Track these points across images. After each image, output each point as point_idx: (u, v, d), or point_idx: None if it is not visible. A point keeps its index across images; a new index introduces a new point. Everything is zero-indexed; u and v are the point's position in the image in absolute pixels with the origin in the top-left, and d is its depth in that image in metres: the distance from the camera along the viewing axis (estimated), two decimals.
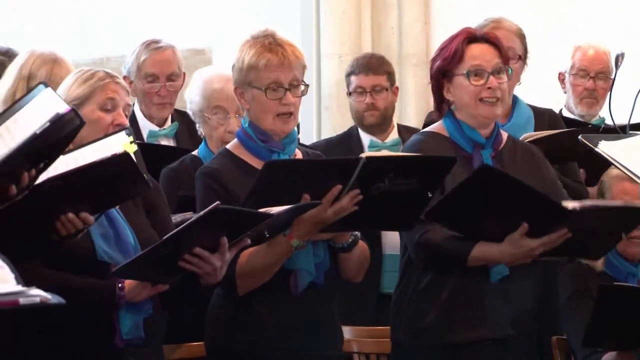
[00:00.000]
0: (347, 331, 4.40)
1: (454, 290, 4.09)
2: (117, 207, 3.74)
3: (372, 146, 5.34)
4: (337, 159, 4.24)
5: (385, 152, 4.18)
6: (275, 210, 3.69)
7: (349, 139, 5.49)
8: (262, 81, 3.96)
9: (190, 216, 3.97)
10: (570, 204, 3.93)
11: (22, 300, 2.81)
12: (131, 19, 7.22)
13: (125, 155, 3.45)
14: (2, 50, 5.03)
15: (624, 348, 4.23)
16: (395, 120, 5.95)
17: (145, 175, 3.59)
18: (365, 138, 5.39)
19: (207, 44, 7.02)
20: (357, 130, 5.45)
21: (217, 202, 3.53)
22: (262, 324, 3.94)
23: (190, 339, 4.24)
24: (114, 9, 7.53)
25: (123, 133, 3.70)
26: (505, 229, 3.96)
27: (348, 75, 5.51)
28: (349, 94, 5.47)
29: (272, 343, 3.95)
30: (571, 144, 4.52)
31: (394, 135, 5.43)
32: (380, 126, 5.41)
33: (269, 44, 3.98)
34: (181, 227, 3.57)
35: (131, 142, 3.67)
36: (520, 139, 4.57)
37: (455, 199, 3.92)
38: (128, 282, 3.61)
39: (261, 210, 3.68)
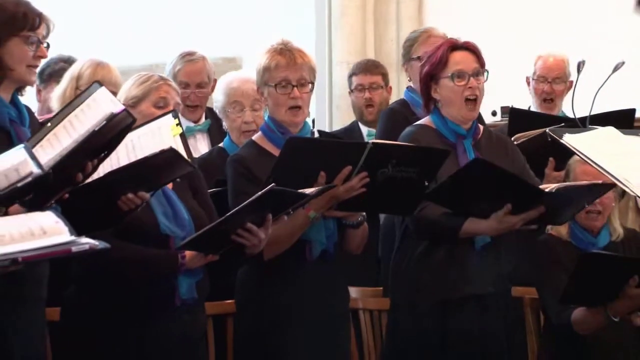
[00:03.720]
0: (353, 291, 4.39)
1: (445, 256, 4.09)
2: (173, 189, 3.79)
3: (369, 135, 5.36)
4: (348, 141, 4.27)
5: (389, 141, 4.12)
6: (308, 191, 3.68)
7: (352, 132, 5.53)
8: (274, 79, 3.97)
9: (218, 190, 4.07)
10: (547, 187, 3.97)
11: (74, 249, 2.84)
12: (176, 30, 7.26)
13: (171, 150, 3.45)
14: (63, 58, 5.00)
15: (594, 304, 4.21)
16: None
17: (189, 158, 3.61)
18: (365, 130, 5.43)
19: (238, 54, 7.04)
20: (358, 124, 5.51)
21: (273, 184, 3.55)
22: (283, 285, 3.95)
23: (221, 297, 4.21)
24: (162, 23, 7.57)
25: (170, 115, 3.71)
26: (491, 207, 3.97)
27: (350, 76, 5.58)
28: (351, 91, 5.49)
29: (290, 301, 3.95)
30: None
31: None
32: (377, 121, 5.37)
33: (280, 50, 4.00)
34: (240, 206, 3.59)
35: (177, 125, 3.67)
36: (513, 139, 4.60)
37: (451, 184, 3.92)
38: (188, 253, 3.65)
39: (300, 191, 3.68)
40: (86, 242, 2.86)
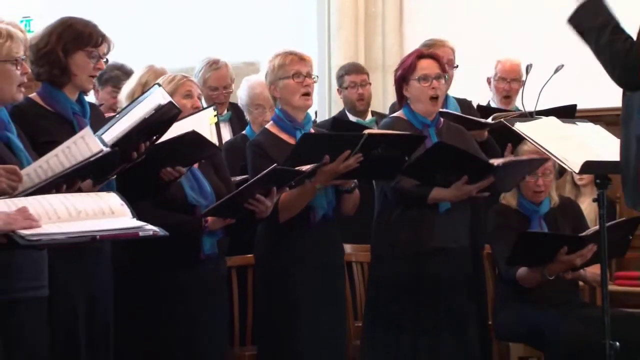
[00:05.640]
0: (348, 247, 4.44)
1: (416, 218, 4.13)
2: (199, 168, 3.79)
3: (358, 122, 5.33)
4: (349, 134, 4.22)
5: (380, 131, 4.10)
6: (304, 168, 3.76)
7: (342, 117, 5.51)
8: (289, 72, 4.02)
9: (243, 178, 4.05)
10: (495, 162, 4.04)
11: (141, 233, 2.86)
12: (205, 39, 7.20)
13: (192, 132, 3.46)
14: (117, 66, 4.93)
15: (533, 266, 4.32)
16: (379, 107, 6.03)
17: (214, 141, 3.62)
18: (352, 119, 5.40)
19: (256, 59, 7.04)
20: (346, 113, 5.49)
21: (275, 165, 3.60)
22: (293, 242, 4.01)
23: (243, 252, 4.26)
24: (194, 34, 7.52)
25: (211, 109, 3.74)
26: (451, 179, 4.02)
27: (341, 76, 5.53)
28: (345, 88, 5.48)
29: (298, 254, 4.01)
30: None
31: (369, 116, 5.45)
32: (364, 111, 5.45)
33: (289, 52, 4.08)
34: (250, 181, 3.66)
35: (215, 116, 3.68)
36: (491, 118, 4.63)
37: (419, 162, 3.97)
38: (210, 218, 3.68)
39: (296, 168, 3.74)
40: (150, 228, 2.87)
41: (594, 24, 3.04)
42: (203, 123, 3.61)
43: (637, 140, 2.99)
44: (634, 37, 3.05)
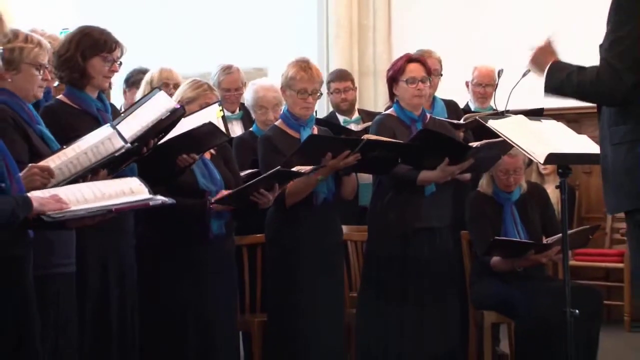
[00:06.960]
0: (344, 228, 4.41)
1: (404, 201, 4.14)
2: (210, 159, 3.80)
3: (345, 122, 5.29)
4: (350, 138, 4.24)
5: (378, 137, 4.00)
6: (304, 169, 3.78)
7: (332, 117, 5.43)
8: (297, 87, 4.05)
9: (252, 171, 4.05)
10: (473, 144, 4.08)
11: (151, 203, 2.89)
12: (219, 47, 7.17)
13: (209, 123, 3.48)
14: (142, 70, 4.86)
15: (507, 257, 4.37)
16: (370, 107, 5.99)
17: (224, 131, 3.62)
18: (341, 118, 5.35)
19: (265, 65, 7.04)
20: (335, 113, 5.44)
21: (279, 167, 3.62)
22: (298, 223, 4.03)
23: (253, 232, 4.27)
24: (209, 42, 7.49)
25: (216, 104, 3.71)
26: (435, 162, 4.03)
27: (328, 82, 5.44)
28: (331, 93, 5.43)
29: (302, 234, 4.03)
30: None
31: (356, 115, 5.38)
32: (349, 111, 5.40)
33: (304, 66, 4.07)
34: (257, 179, 3.69)
35: (220, 110, 3.67)
36: (463, 119, 4.61)
37: (408, 149, 3.99)
38: (215, 206, 3.68)
39: (298, 170, 3.75)
40: (160, 198, 2.90)
41: (561, 76, 3.01)
42: (211, 117, 3.60)
43: (612, 151, 2.89)
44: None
